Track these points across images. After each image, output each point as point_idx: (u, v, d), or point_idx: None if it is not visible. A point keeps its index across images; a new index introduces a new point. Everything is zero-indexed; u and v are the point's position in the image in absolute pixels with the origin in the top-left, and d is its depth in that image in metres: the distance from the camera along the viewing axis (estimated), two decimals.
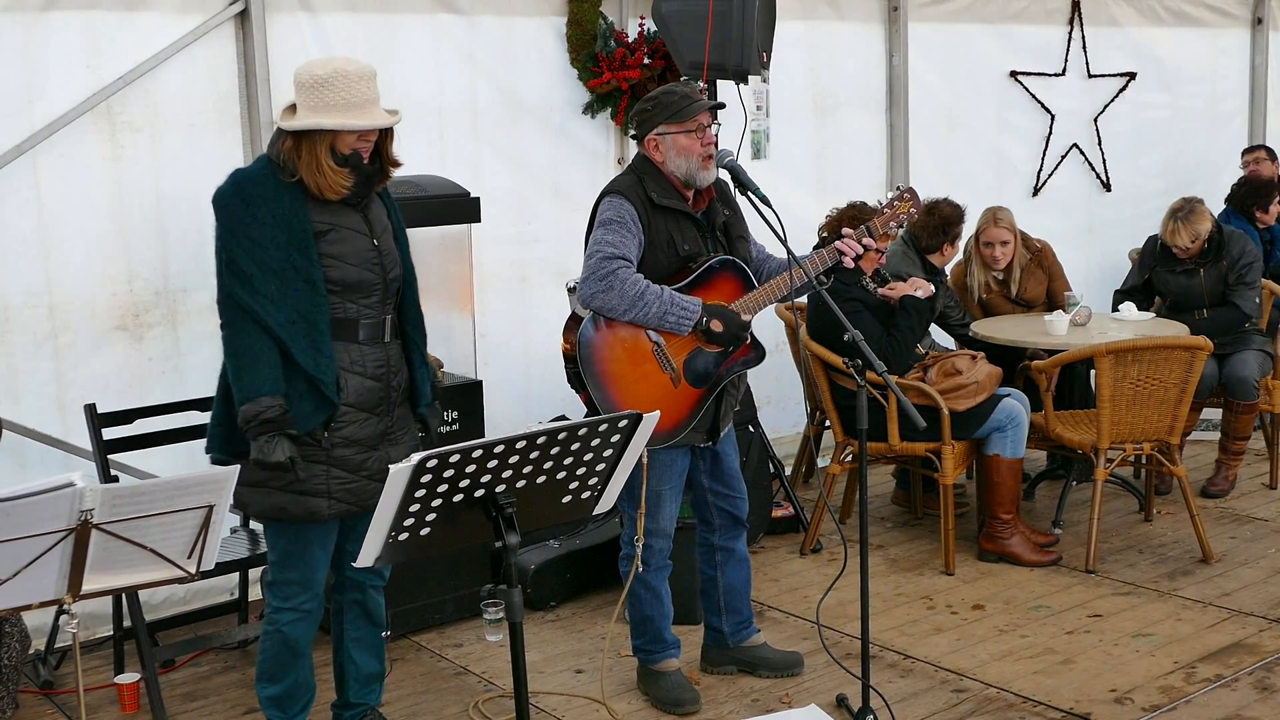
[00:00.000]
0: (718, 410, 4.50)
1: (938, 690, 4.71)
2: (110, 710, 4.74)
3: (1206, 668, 4.80)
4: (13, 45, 5.03)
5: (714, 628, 4.88)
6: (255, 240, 3.78)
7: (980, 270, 6.93)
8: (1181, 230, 6.66)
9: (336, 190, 3.84)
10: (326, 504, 3.92)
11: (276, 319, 3.78)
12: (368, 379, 3.94)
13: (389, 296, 4.01)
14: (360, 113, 3.81)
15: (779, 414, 7.41)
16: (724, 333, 4.32)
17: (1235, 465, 6.87)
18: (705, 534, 4.80)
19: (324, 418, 3.86)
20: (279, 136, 3.87)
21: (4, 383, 5.12)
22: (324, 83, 3.77)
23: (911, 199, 4.70)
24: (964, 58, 8.08)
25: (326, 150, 3.81)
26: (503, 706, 4.67)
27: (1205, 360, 5.78)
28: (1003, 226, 6.79)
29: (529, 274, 6.48)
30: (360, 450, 3.95)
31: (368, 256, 3.93)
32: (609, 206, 4.38)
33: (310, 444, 3.87)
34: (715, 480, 4.69)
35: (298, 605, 4.04)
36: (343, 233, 3.89)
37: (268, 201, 3.81)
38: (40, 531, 2.99)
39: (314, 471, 3.88)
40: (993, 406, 5.80)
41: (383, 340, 3.99)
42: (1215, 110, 9.44)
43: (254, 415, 3.76)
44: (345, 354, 3.91)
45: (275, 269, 3.79)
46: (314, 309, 3.82)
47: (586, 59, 6.40)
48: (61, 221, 5.18)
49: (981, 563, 5.92)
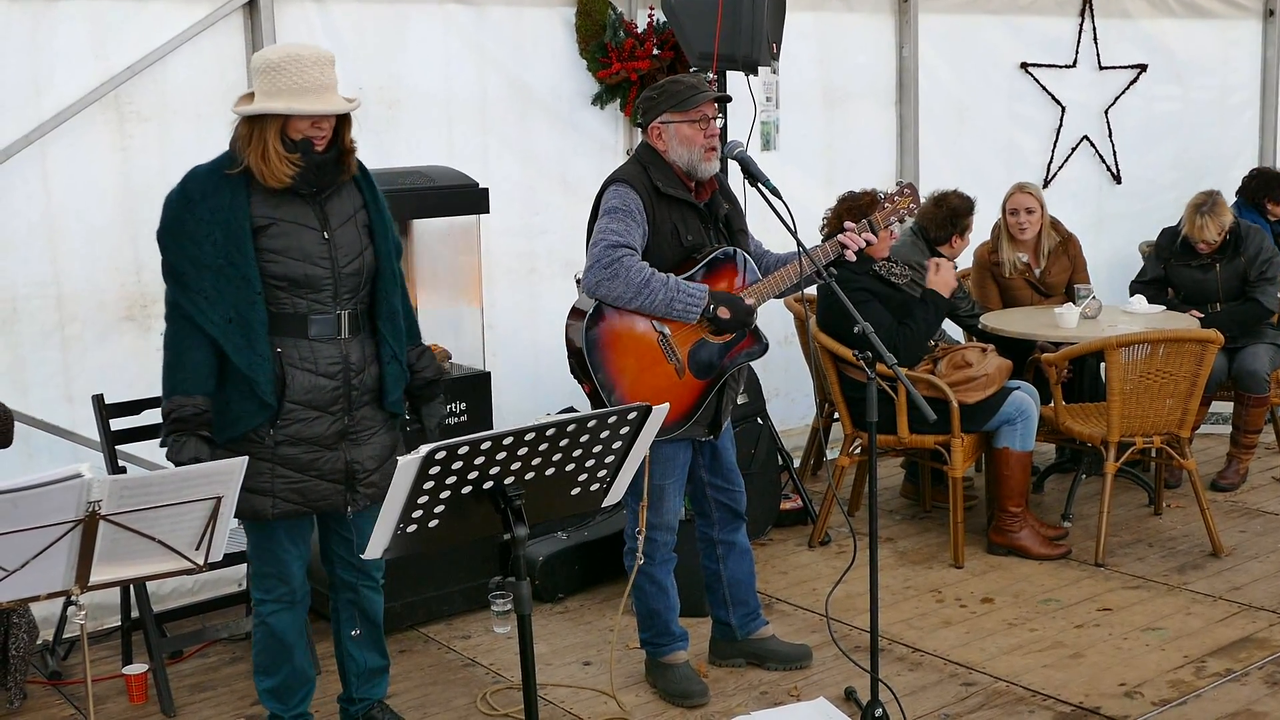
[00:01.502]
0: (719, 403, 4.49)
1: (947, 683, 4.70)
2: (118, 701, 4.75)
3: (1216, 662, 4.79)
4: (20, 35, 5.02)
5: (721, 621, 4.87)
6: (190, 237, 3.72)
7: (1009, 247, 6.89)
8: (1209, 225, 6.64)
9: (279, 178, 3.74)
10: (270, 503, 3.86)
11: (211, 317, 3.71)
12: (319, 375, 3.84)
13: (345, 291, 3.88)
14: (313, 98, 3.70)
15: (788, 406, 7.40)
16: (731, 319, 4.30)
17: (1246, 459, 6.85)
18: (704, 528, 4.78)
19: (265, 417, 3.79)
20: (237, 124, 3.80)
21: (12, 373, 5.12)
22: (276, 67, 3.69)
23: (910, 195, 4.72)
24: (974, 49, 8.05)
25: (276, 135, 3.72)
26: (511, 698, 4.66)
27: (1216, 353, 5.76)
28: (1029, 193, 6.79)
29: (537, 265, 6.47)
30: (309, 449, 3.86)
31: (315, 250, 3.82)
32: (614, 195, 4.35)
33: (255, 441, 3.81)
34: (714, 474, 4.68)
35: (278, 597, 4.02)
36: (285, 226, 3.78)
37: (207, 197, 3.74)
38: (48, 522, 2.99)
39: (259, 469, 3.80)
40: (1002, 399, 5.78)
41: (339, 336, 3.87)
42: (1226, 103, 9.40)
43: (168, 414, 3.72)
44: (294, 350, 3.82)
45: (210, 266, 3.71)
46: (249, 307, 3.74)
47: (595, 49, 6.39)
48: (69, 212, 5.18)
49: (990, 556, 5.91)
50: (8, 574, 3.04)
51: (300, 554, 4.03)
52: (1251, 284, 6.70)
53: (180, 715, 4.63)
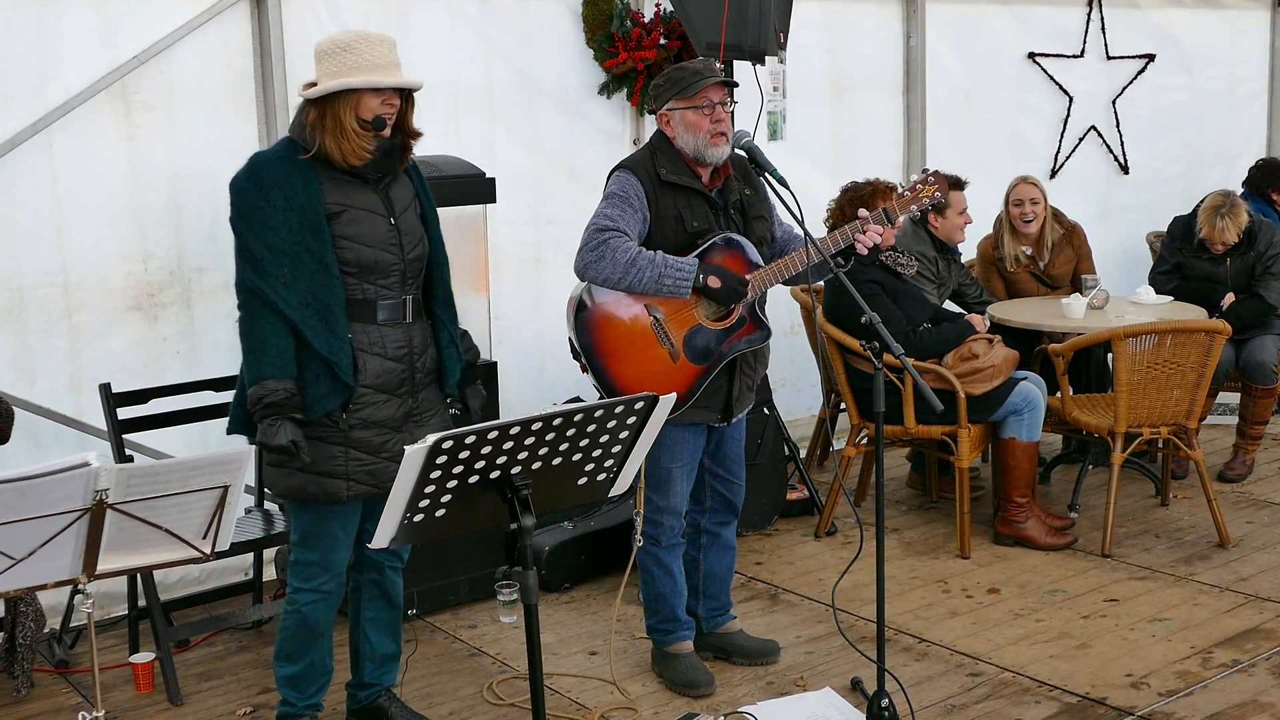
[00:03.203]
0: (730, 388, 4.48)
1: (953, 674, 4.70)
2: (125, 689, 4.76)
3: (1223, 653, 4.78)
4: (27, 24, 5.02)
5: (690, 611, 4.83)
6: (267, 223, 3.77)
7: (1011, 240, 6.88)
8: (1229, 227, 6.65)
9: (360, 154, 3.81)
10: (345, 486, 3.90)
11: (289, 302, 3.76)
12: (388, 360, 3.92)
13: (410, 277, 3.98)
14: (385, 73, 3.79)
15: (794, 396, 7.40)
16: (722, 289, 4.25)
17: (1253, 449, 6.84)
18: (695, 514, 4.74)
19: (341, 400, 3.84)
20: (303, 111, 3.85)
21: (19, 362, 5.12)
22: (347, 47, 3.77)
23: (937, 183, 4.58)
24: (981, 39, 8.03)
25: (351, 113, 3.78)
26: (517, 688, 4.67)
27: (1224, 344, 5.75)
28: (1032, 184, 6.79)
29: (544, 255, 6.47)
30: (381, 432, 3.93)
31: (385, 237, 3.90)
32: (614, 181, 4.38)
33: (328, 425, 3.86)
34: (716, 462, 4.67)
35: (318, 586, 4.04)
36: (357, 213, 3.86)
37: (280, 184, 3.78)
38: (55, 511, 2.99)
39: (332, 453, 3.87)
40: (1009, 390, 5.77)
41: (404, 321, 3.96)
42: (1234, 93, 9.37)
43: (259, 399, 3.76)
44: (364, 335, 3.89)
45: (288, 252, 3.77)
46: (327, 291, 3.80)
47: (602, 39, 6.38)
48: (76, 201, 5.18)
49: (997, 546, 5.91)
50: (15, 562, 3.05)
51: (347, 543, 4.06)
52: (1256, 278, 6.69)
53: (187, 704, 4.64)
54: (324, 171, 3.83)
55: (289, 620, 4.09)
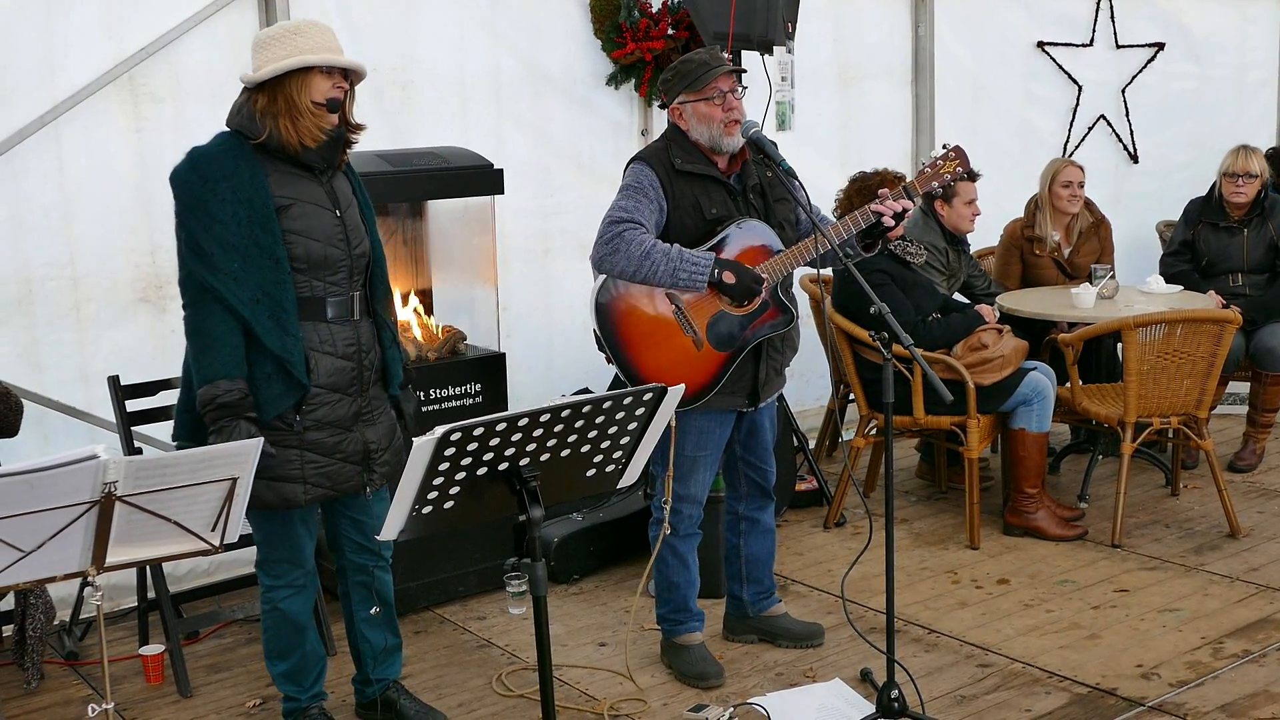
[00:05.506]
0: (757, 373, 4.46)
1: (963, 665, 4.69)
2: (135, 681, 4.76)
3: (1234, 643, 4.77)
4: (34, 16, 5.02)
5: (735, 596, 4.89)
6: (215, 217, 3.66)
7: (1053, 219, 6.85)
8: (1252, 158, 6.73)
9: (315, 134, 3.72)
10: (302, 490, 3.84)
11: (241, 298, 3.66)
12: (339, 358, 3.83)
13: (356, 273, 3.89)
14: (336, 55, 3.73)
15: (802, 387, 7.39)
16: (736, 284, 4.23)
17: (1263, 438, 6.82)
18: (732, 500, 4.80)
19: (294, 400, 3.76)
20: (246, 100, 3.77)
21: (27, 355, 5.13)
22: (296, 30, 3.71)
23: (959, 159, 4.48)
24: (990, 28, 8.01)
25: (304, 93, 3.70)
26: (526, 679, 4.67)
27: (1234, 334, 5.73)
28: (1079, 166, 6.82)
29: (552, 246, 6.46)
30: (334, 433, 3.85)
31: (333, 231, 3.81)
32: (630, 173, 4.37)
33: (282, 428, 3.77)
34: (748, 450, 4.69)
35: (290, 581, 4.02)
36: (305, 207, 3.77)
37: (227, 177, 3.69)
38: (64, 504, 2.99)
39: (288, 456, 3.78)
40: (1018, 380, 5.76)
41: (352, 318, 3.87)
42: (1244, 81, 9.33)
43: (211, 399, 3.65)
44: (314, 333, 3.79)
45: (238, 246, 3.66)
46: (279, 287, 3.70)
47: (610, 29, 6.36)
48: (84, 193, 5.18)
49: (1006, 537, 5.90)
50: (25, 555, 3.05)
51: (311, 536, 4.04)
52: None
53: (197, 695, 4.65)
54: (270, 164, 3.74)
55: (270, 619, 4.06)
